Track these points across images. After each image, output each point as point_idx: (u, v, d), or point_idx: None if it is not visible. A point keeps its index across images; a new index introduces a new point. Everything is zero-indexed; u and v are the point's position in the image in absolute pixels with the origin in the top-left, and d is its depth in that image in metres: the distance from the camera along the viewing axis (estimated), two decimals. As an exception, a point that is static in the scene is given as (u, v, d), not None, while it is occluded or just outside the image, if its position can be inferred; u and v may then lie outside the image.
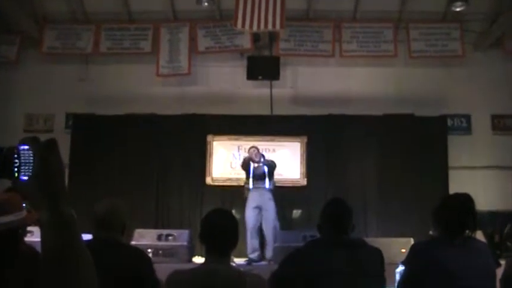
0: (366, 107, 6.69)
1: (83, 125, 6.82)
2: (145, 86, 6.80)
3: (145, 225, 5.62)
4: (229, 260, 1.91)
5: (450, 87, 6.73)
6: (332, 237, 2.04)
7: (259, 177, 5.48)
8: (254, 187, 5.46)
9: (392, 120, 6.70)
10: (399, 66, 6.75)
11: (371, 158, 6.63)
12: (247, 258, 5.32)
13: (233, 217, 1.93)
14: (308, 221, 6.09)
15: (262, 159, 5.60)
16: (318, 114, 6.74)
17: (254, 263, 5.23)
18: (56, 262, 0.77)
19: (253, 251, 5.34)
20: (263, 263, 5.26)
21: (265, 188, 5.46)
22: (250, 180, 5.52)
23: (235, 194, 6.27)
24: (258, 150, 5.72)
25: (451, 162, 6.58)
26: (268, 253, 5.32)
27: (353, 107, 6.74)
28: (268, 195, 5.45)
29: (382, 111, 6.71)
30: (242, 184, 5.79)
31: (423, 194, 6.10)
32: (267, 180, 5.48)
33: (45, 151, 0.81)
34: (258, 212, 5.39)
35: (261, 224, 5.44)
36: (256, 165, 5.57)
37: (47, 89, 6.90)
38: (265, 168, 5.52)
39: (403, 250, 4.32)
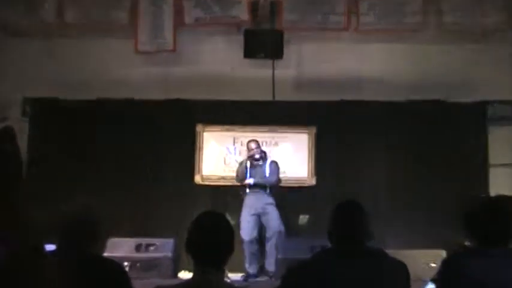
0: (387, 91, 6.62)
1: (44, 112, 6.78)
2: (121, 66, 6.72)
3: (120, 233, 5.55)
4: (223, 273, 1.91)
5: (488, 68, 6.67)
6: (345, 247, 2.05)
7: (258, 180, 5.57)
8: (252, 191, 5.53)
9: (417, 108, 6.66)
10: (426, 43, 6.70)
11: (393, 153, 6.60)
12: (243, 273, 5.36)
13: (228, 221, 1.93)
14: (317, 229, 5.99)
15: (263, 160, 5.64)
16: (329, 100, 6.68)
17: (251, 279, 5.29)
18: (17, 271, 0.77)
19: (251, 264, 5.38)
20: (263, 278, 5.32)
21: (265, 191, 5.54)
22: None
23: (229, 195, 6.26)
24: (258, 145, 5.72)
25: (490, 158, 6.57)
26: (270, 266, 5.36)
27: (371, 92, 6.66)
28: (268, 200, 5.51)
29: (406, 96, 6.66)
30: (238, 183, 5.84)
31: (457, 196, 6.05)
32: (267, 182, 5.63)
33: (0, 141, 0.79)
34: (256, 220, 5.45)
35: (260, 232, 5.50)
36: (255, 163, 5.60)
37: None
38: (267, 168, 5.60)
39: (433, 264, 4.42)
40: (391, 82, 6.66)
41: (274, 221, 5.43)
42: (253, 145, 5.70)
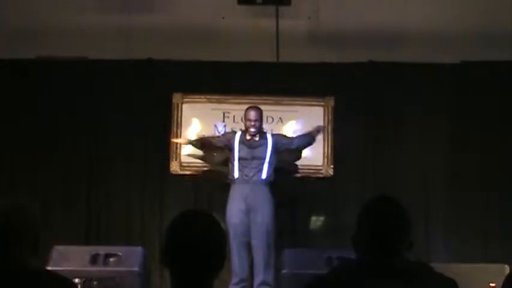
0: (432, 50, 6.60)
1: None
2: (70, 13, 6.69)
3: (70, 240, 5.71)
4: None
5: None
6: (376, 261, 2.02)
7: (252, 163, 5.54)
8: (242, 178, 5.54)
9: (475, 71, 6.65)
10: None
11: (440, 133, 6.64)
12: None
13: (217, 223, 1.93)
14: (335, 235, 6.23)
15: (261, 137, 5.66)
16: (352, 62, 6.68)
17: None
18: None
19: (241, 281, 5.43)
20: None
21: (260, 179, 5.52)
22: (235, 164, 5.55)
23: (216, 188, 6.28)
24: (260, 115, 5.64)
25: None
26: (260, 286, 5.42)
27: (410, 50, 6.66)
28: (263, 191, 5.52)
29: (460, 56, 6.64)
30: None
31: None
32: (265, 167, 5.53)
33: None
34: (247, 217, 5.48)
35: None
36: (248, 137, 5.59)
37: None
38: (268, 148, 5.56)
39: (493, 284, 4.64)
40: (440, 38, 6.63)
41: (263, 224, 5.43)
42: (252, 115, 5.62)
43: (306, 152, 6.51)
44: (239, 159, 5.54)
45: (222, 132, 6.41)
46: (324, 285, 2.06)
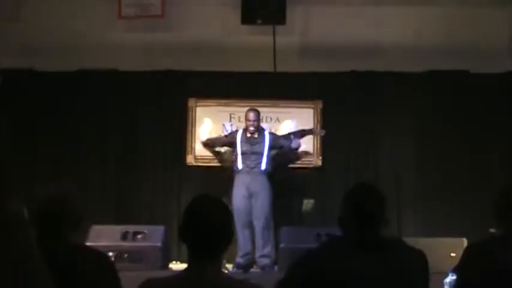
0: (404, 61, 6.66)
1: (15, 85, 6.71)
2: (102, 32, 6.74)
3: (103, 220, 5.74)
4: (220, 264, 1.93)
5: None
6: (357, 236, 2.05)
7: (252, 156, 5.56)
8: (244, 169, 5.56)
9: (441, 79, 6.68)
10: (451, 6, 6.69)
11: (410, 131, 6.66)
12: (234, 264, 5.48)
13: (225, 206, 1.97)
14: (323, 215, 6.27)
15: (260, 135, 5.66)
16: (338, 71, 6.75)
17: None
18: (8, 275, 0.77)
19: (245, 254, 5.48)
20: (255, 270, 5.44)
21: (259, 170, 5.55)
22: (239, 158, 5.57)
23: (225, 177, 6.24)
24: (258, 116, 5.65)
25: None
26: (260, 258, 5.48)
27: (386, 62, 6.71)
28: (263, 179, 5.55)
29: (427, 66, 6.70)
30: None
31: (484, 179, 6.19)
32: (263, 160, 5.55)
33: None
34: (249, 202, 5.51)
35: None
36: (249, 135, 5.61)
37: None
38: (265, 144, 5.57)
39: (453, 254, 4.60)
40: (411, 50, 6.66)
41: (263, 206, 5.47)
42: (251, 116, 5.62)
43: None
44: (242, 153, 5.56)
45: (230, 130, 6.43)
46: (314, 257, 2.09)
